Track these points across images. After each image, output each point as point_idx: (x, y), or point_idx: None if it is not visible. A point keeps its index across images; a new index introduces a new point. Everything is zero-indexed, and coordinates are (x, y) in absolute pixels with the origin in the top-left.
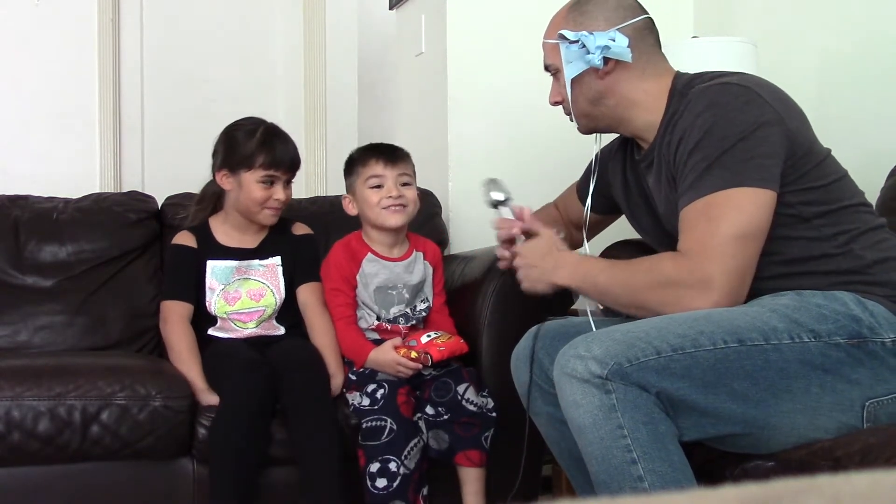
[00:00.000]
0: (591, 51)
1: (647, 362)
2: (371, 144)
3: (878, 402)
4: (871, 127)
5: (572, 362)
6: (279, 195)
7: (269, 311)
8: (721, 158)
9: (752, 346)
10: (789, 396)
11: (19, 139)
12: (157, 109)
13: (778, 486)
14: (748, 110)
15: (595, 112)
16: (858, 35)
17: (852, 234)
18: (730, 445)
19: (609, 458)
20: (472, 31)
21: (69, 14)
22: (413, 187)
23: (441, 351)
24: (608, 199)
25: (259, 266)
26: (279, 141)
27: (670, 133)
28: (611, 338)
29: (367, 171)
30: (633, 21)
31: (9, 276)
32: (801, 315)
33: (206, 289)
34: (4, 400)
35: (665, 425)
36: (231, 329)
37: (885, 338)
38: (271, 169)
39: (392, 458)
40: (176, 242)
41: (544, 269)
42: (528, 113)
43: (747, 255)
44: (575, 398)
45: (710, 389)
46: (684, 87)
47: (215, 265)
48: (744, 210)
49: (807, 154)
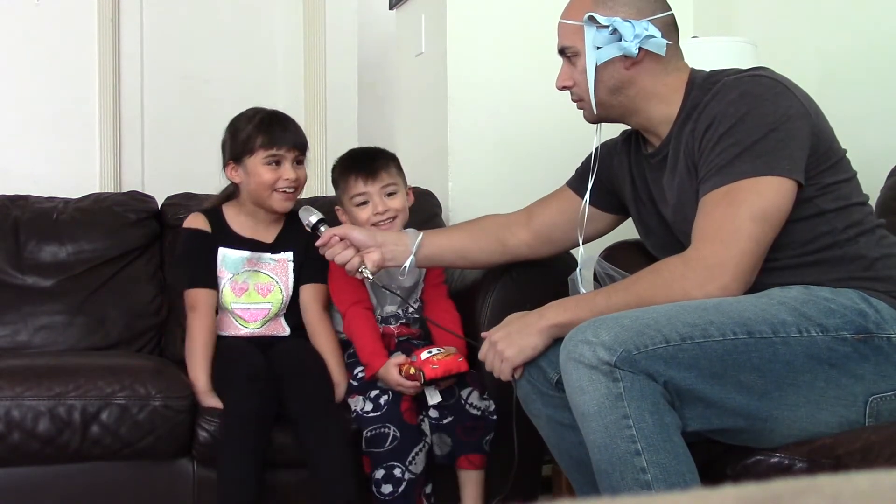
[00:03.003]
0: (627, 38)
1: (655, 350)
2: (350, 157)
3: (882, 397)
4: (871, 127)
5: (580, 347)
6: (288, 175)
7: (275, 308)
8: (753, 146)
9: (761, 339)
10: (794, 390)
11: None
12: (157, 109)
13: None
14: (780, 102)
15: (613, 101)
16: (858, 35)
17: (860, 230)
18: (730, 438)
19: (612, 447)
20: (472, 31)
21: (69, 14)
22: (399, 195)
23: (434, 369)
24: (611, 196)
25: (270, 260)
26: (278, 121)
27: (694, 121)
28: (619, 324)
29: (350, 189)
30: (664, 14)
31: (9, 276)
32: (809, 309)
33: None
34: (4, 400)
35: (670, 416)
36: (233, 327)
37: (891, 333)
38: (272, 148)
39: (397, 464)
40: (189, 226)
41: (527, 321)
42: (528, 113)
43: (762, 239)
44: (581, 384)
45: (718, 380)
46: (704, 81)
47: (227, 253)
48: (764, 196)
49: (828, 150)
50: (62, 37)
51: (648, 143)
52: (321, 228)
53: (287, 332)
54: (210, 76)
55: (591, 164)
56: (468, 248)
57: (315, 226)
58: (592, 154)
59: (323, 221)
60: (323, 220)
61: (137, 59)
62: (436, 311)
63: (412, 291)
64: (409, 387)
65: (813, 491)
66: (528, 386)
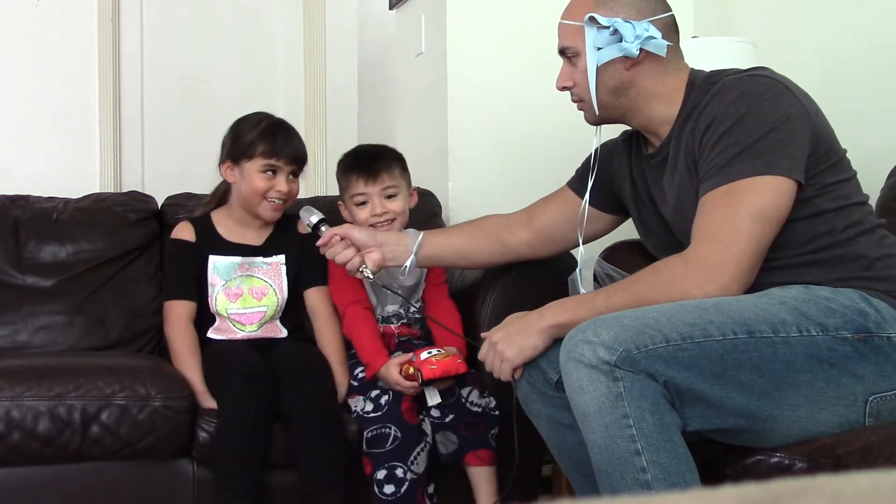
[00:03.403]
0: (628, 39)
1: (655, 350)
2: (353, 155)
3: (882, 397)
4: (871, 127)
5: (580, 347)
6: (281, 187)
7: (271, 311)
8: (753, 146)
9: (761, 338)
10: (794, 389)
11: (19, 139)
12: (157, 109)
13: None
14: (780, 102)
15: (614, 102)
16: (858, 35)
17: (860, 230)
18: (730, 438)
19: (612, 446)
20: (472, 31)
21: (69, 14)
22: (400, 197)
23: (433, 370)
24: (611, 196)
25: (262, 264)
26: (282, 132)
27: (694, 121)
28: (619, 323)
29: (351, 188)
30: (665, 16)
31: (9, 276)
32: (809, 308)
33: (208, 284)
34: (4, 400)
35: (671, 416)
36: (230, 331)
37: (891, 333)
38: (272, 158)
39: (399, 464)
40: (174, 237)
41: (527, 322)
42: (528, 113)
43: (761, 239)
44: (581, 384)
45: (718, 380)
46: (704, 81)
47: (217, 260)
48: (764, 195)
49: (828, 150)
50: (62, 37)
51: (649, 143)
52: (322, 228)
53: (284, 335)
54: (210, 76)
55: (590, 164)
56: (468, 248)
57: (316, 225)
58: (592, 155)
59: (324, 221)
60: (324, 221)
61: (137, 59)
62: (437, 311)
63: (413, 291)
64: (408, 387)
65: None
66: (527, 386)
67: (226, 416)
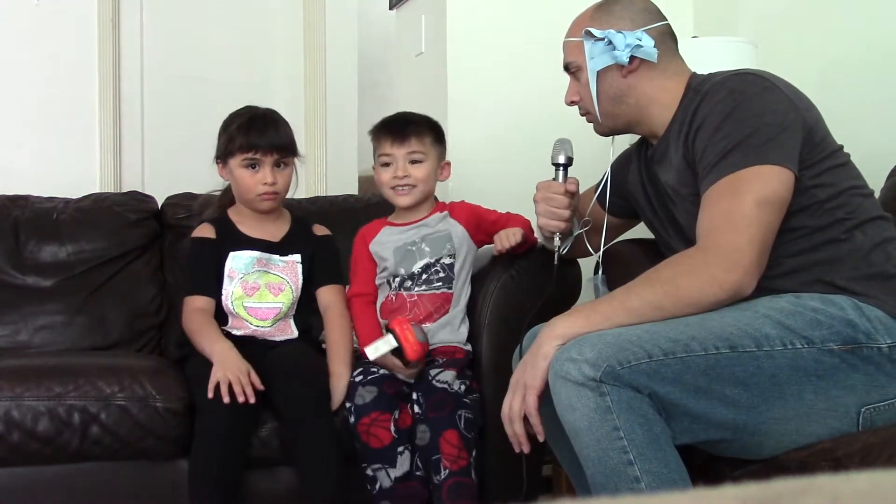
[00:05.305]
0: (619, 48)
1: (638, 365)
2: (389, 118)
3: (875, 408)
4: (871, 127)
5: (566, 366)
6: (266, 178)
7: (286, 307)
8: (746, 140)
9: (744, 353)
10: (782, 403)
11: (19, 139)
12: (157, 109)
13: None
14: (767, 96)
15: (617, 111)
16: (859, 35)
17: (858, 221)
18: (722, 450)
19: (605, 459)
20: (472, 31)
21: (69, 14)
22: (426, 164)
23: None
24: (626, 202)
25: (280, 262)
26: (257, 124)
27: (688, 124)
28: (602, 341)
29: (379, 148)
30: (658, 25)
31: (9, 276)
32: (794, 321)
33: (225, 277)
34: (4, 400)
35: (660, 426)
36: (244, 326)
37: (882, 343)
38: (249, 152)
39: (387, 462)
40: (195, 235)
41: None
42: (529, 113)
43: (769, 223)
44: (570, 402)
45: (702, 395)
46: (699, 84)
47: (236, 255)
48: (766, 182)
49: (822, 141)
50: (62, 37)
51: (651, 144)
52: (560, 172)
53: (295, 335)
54: (210, 76)
55: (606, 179)
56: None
57: (560, 165)
58: (607, 172)
59: (566, 167)
60: (567, 166)
61: (137, 59)
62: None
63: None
64: (400, 369)
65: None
66: None
67: (202, 432)
